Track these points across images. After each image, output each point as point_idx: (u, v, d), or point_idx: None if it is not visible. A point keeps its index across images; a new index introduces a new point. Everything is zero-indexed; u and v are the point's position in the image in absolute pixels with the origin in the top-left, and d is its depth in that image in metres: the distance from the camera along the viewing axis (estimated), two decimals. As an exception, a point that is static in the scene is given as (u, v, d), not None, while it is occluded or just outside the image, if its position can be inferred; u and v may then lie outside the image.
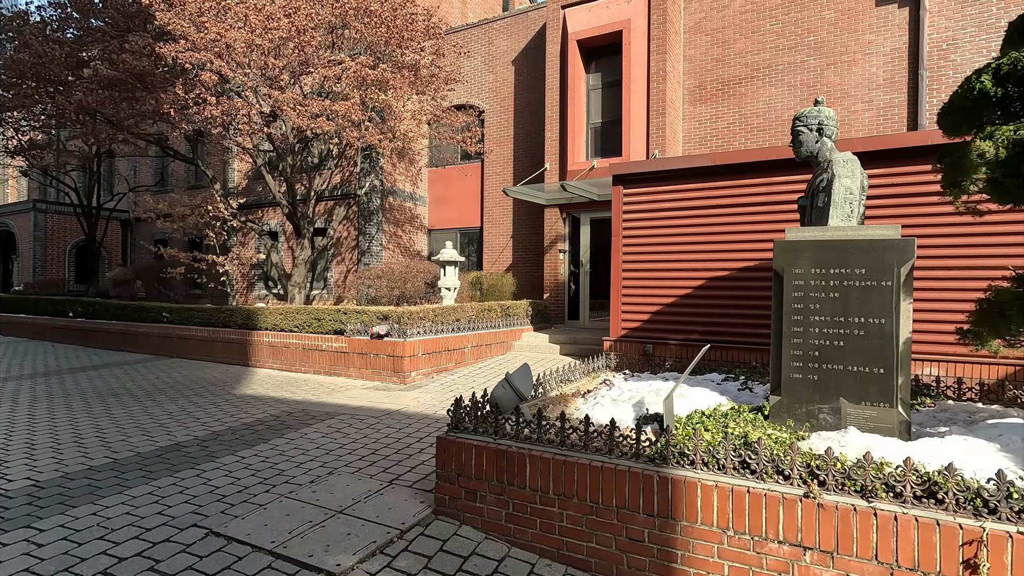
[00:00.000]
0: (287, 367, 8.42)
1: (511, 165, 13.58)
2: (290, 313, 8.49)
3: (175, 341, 9.95)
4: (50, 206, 17.55)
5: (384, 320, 7.55)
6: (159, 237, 18.25)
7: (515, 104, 13.56)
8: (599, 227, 11.40)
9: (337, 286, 14.05)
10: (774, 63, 10.49)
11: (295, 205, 10.99)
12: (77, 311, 12.16)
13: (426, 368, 7.64)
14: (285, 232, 14.92)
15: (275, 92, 7.71)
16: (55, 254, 17.65)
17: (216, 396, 6.62)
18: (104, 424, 5.31)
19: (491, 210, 13.84)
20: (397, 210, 14.05)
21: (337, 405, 6.06)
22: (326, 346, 8.00)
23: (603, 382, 4.73)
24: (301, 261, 11.25)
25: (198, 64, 7.38)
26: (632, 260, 7.75)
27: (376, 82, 8.65)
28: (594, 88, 11.44)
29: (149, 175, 18.72)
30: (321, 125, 8.01)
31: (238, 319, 9.17)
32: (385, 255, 13.59)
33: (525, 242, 13.41)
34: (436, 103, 10.54)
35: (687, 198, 7.37)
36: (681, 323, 7.37)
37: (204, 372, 8.42)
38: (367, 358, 7.59)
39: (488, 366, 8.39)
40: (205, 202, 11.91)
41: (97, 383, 7.53)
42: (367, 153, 12.67)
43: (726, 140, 10.86)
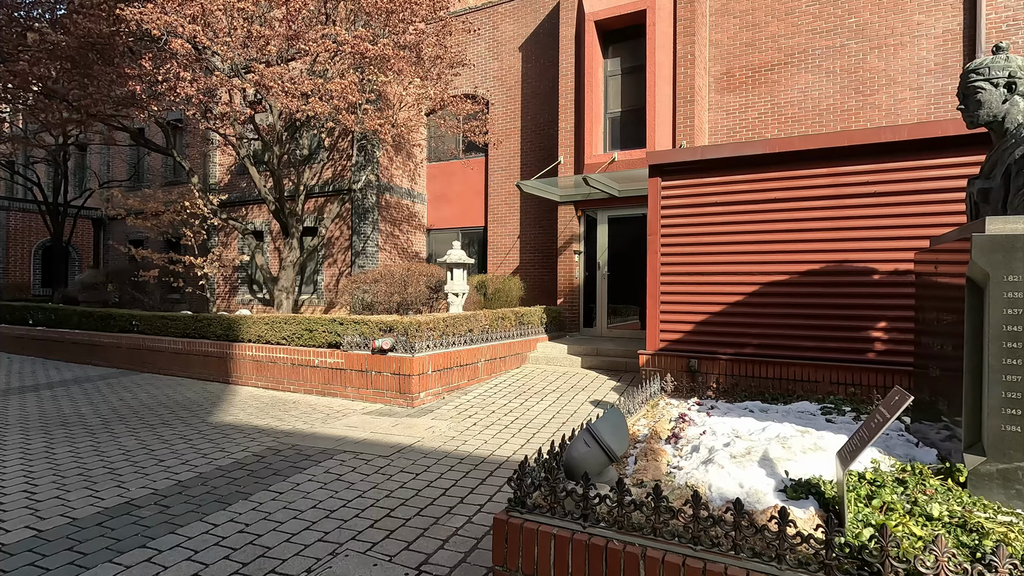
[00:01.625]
0: (274, 385, 7.32)
1: (518, 159, 12.57)
2: (277, 323, 7.39)
3: (146, 354, 8.79)
4: (13, 203, 16.19)
5: (388, 332, 6.48)
6: (134, 237, 16.97)
7: (523, 93, 12.55)
8: (619, 226, 10.43)
9: (328, 290, 12.92)
10: (810, 47, 9.60)
11: (282, 202, 9.88)
12: (37, 318, 10.91)
13: (436, 387, 6.59)
14: (271, 232, 13.76)
15: (259, 66, 6.61)
16: (18, 255, 16.29)
17: (187, 425, 5.51)
18: (39, 471, 4.19)
19: (496, 208, 12.81)
20: (394, 208, 12.97)
21: (335, 438, 4.99)
22: (319, 362, 6.91)
23: (680, 418, 3.72)
24: (289, 263, 10.13)
25: (168, 30, 6.26)
26: (673, 262, 6.78)
27: (376, 60, 7.61)
28: (612, 74, 10.48)
29: (123, 170, 17.42)
30: (314, 107, 6.92)
31: (217, 329, 8.04)
32: (381, 257, 12.50)
33: (534, 243, 12.40)
34: (442, 88, 9.49)
35: (738, 190, 6.41)
36: (731, 334, 6.40)
37: (177, 391, 7.29)
38: (367, 376, 6.52)
39: (504, 383, 7.36)
40: (182, 198, 10.75)
41: (47, 407, 6.37)
42: (362, 145, 11.58)
43: (757, 131, 9.94)
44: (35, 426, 5.49)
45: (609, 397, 6.47)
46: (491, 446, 4.71)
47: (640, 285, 10.08)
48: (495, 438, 4.95)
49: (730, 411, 4.05)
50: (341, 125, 7.65)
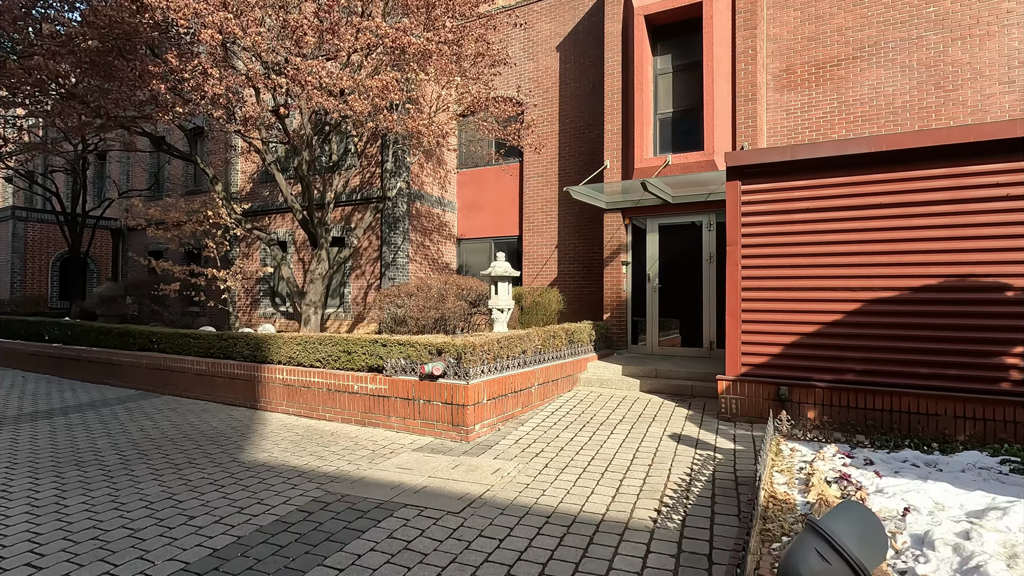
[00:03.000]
0: (307, 412, 6.63)
1: (556, 164, 11.89)
2: (311, 344, 6.71)
3: (166, 374, 8.16)
4: (31, 213, 15.80)
5: (438, 355, 5.77)
6: (153, 248, 16.50)
7: (560, 95, 11.89)
8: (670, 235, 9.67)
9: (356, 304, 12.27)
10: (882, 40, 8.82)
11: (311, 210, 9.25)
12: (53, 334, 10.37)
13: (491, 418, 5.85)
14: (295, 242, 13.17)
15: (296, 59, 5.99)
16: (36, 267, 15.87)
17: (217, 465, 4.82)
18: (46, 531, 3.52)
19: (532, 216, 12.11)
20: (424, 217, 12.32)
21: (390, 485, 4.27)
22: (359, 387, 6.21)
23: (842, 478, 2.94)
24: (317, 276, 9.49)
25: (196, 18, 5.65)
26: (757, 275, 6.00)
27: (416, 56, 6.97)
28: (662, 73, 9.76)
29: (143, 179, 17.00)
30: (353, 105, 6.26)
31: (244, 349, 7.39)
32: (411, 268, 11.84)
33: (573, 253, 11.67)
34: (482, 88, 8.83)
35: (837, 194, 5.64)
36: (828, 358, 5.60)
37: (201, 418, 6.63)
38: (414, 405, 5.81)
39: (561, 411, 6.61)
40: (204, 207, 10.18)
41: (60, 440, 5.73)
42: (394, 150, 10.95)
43: (821, 132, 9.16)
44: (46, 465, 4.83)
45: (688, 430, 5.69)
46: (576, 498, 3.96)
47: (695, 299, 9.30)
48: (577, 486, 4.19)
49: (888, 464, 3.27)
50: (382, 125, 7.00)
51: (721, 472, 4.45)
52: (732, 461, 4.71)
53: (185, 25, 5.80)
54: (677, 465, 4.64)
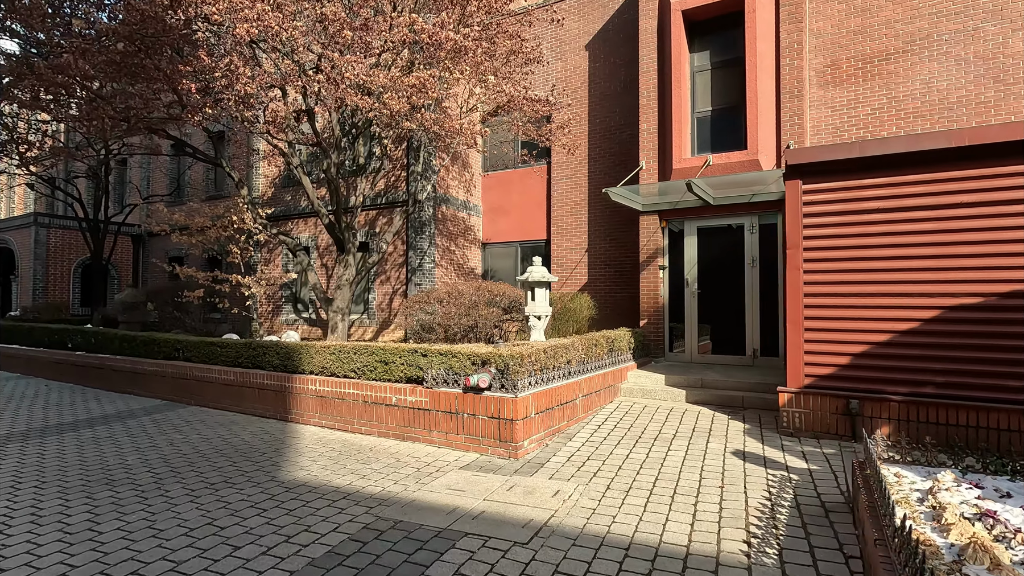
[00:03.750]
0: (342, 425, 6.33)
1: (585, 166, 11.56)
2: (345, 353, 6.42)
3: (193, 384, 7.92)
4: (53, 220, 15.75)
5: (482, 366, 5.44)
6: (174, 254, 16.39)
7: (590, 96, 11.58)
8: (710, 237, 9.29)
9: (380, 310, 12.00)
10: (935, 32, 8.40)
11: (338, 215, 9.00)
12: (76, 342, 10.20)
13: (539, 432, 5.52)
14: (318, 247, 12.95)
15: (333, 54, 5.71)
16: (58, 274, 15.82)
17: (255, 485, 4.53)
18: (80, 560, 3.24)
19: (561, 219, 11.79)
20: (450, 221, 12.04)
21: (444, 510, 3.94)
22: (397, 399, 5.90)
23: (985, 515, 2.57)
24: (345, 282, 9.22)
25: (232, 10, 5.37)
26: (821, 280, 5.62)
27: (451, 53, 6.68)
28: (700, 70, 9.40)
29: (164, 185, 16.92)
30: (389, 104, 5.99)
31: (274, 359, 7.12)
32: (437, 273, 11.55)
33: (604, 257, 11.32)
34: (517, 88, 8.53)
35: (911, 193, 5.25)
36: (904, 369, 5.20)
37: (231, 431, 6.36)
38: (458, 419, 5.48)
39: (608, 424, 6.25)
40: (228, 211, 9.97)
41: (88, 453, 5.48)
42: (422, 153, 10.69)
43: (870, 129, 8.74)
44: (76, 484, 4.57)
45: (751, 447, 5.31)
46: (652, 526, 3.61)
47: (737, 305, 8.91)
48: (649, 512, 3.84)
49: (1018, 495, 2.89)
50: (418, 125, 6.72)
51: (803, 496, 4.07)
52: (811, 483, 4.34)
53: (218, 19, 5.55)
54: (752, 487, 4.27)
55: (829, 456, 4.97)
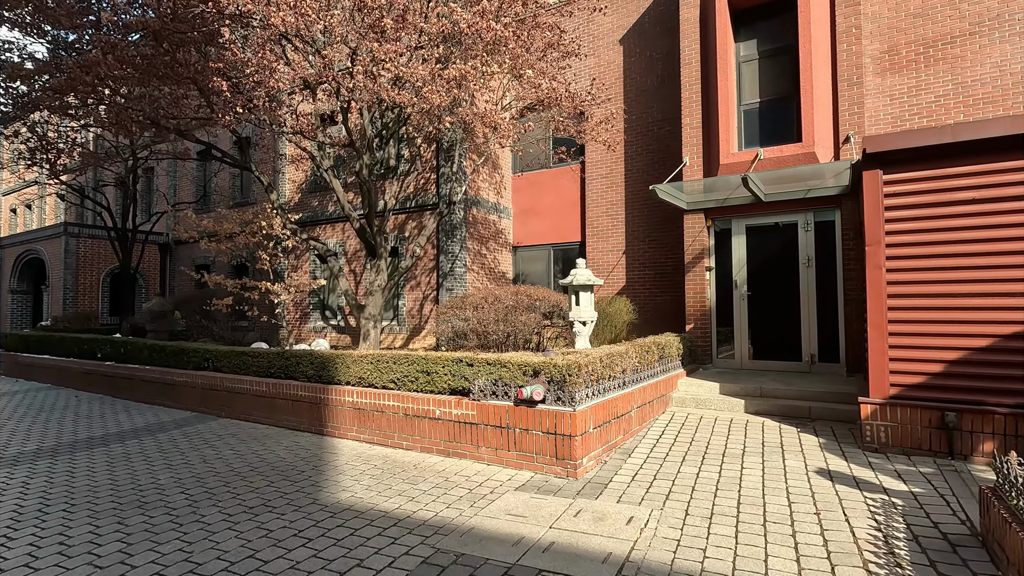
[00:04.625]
0: (381, 439, 5.96)
1: (622, 164, 11.11)
2: (384, 363, 6.06)
3: (223, 395, 7.64)
4: (82, 229, 15.79)
5: (535, 376, 5.02)
6: (200, 262, 16.31)
7: (625, 92, 11.14)
8: (760, 236, 8.76)
9: (411, 317, 11.67)
10: (1006, 11, 7.80)
11: (370, 218, 8.68)
12: (105, 352, 10.04)
13: (597, 448, 5.08)
14: (346, 253, 12.68)
15: (373, 44, 5.37)
16: (87, 283, 15.83)
17: (296, 508, 4.17)
18: (115, 604, 2.88)
19: (596, 221, 11.34)
20: (481, 224, 11.68)
21: (509, 539, 3.52)
22: (441, 412, 5.51)
23: None
24: (376, 288, 8.89)
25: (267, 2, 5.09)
26: (907, 280, 5.10)
27: (492, 44, 6.32)
28: (747, 59, 8.91)
29: (190, 192, 16.89)
30: (430, 98, 5.63)
31: (308, 369, 6.80)
32: (469, 278, 11.19)
33: (643, 259, 10.84)
34: (555, 83, 8.13)
35: (1013, 181, 4.71)
36: (1010, 378, 4.65)
37: (265, 446, 6.03)
38: (509, 434, 5.07)
39: (667, 438, 5.78)
40: (256, 217, 9.73)
41: (119, 472, 5.19)
42: (455, 153, 10.35)
43: (934, 118, 8.15)
44: (106, 507, 4.25)
45: (835, 464, 4.80)
46: (753, 562, 3.14)
47: (791, 308, 8.37)
48: (744, 545, 3.37)
49: None
50: (460, 120, 6.37)
51: (918, 526, 3.57)
52: (920, 509, 3.82)
53: (251, 8, 5.27)
54: (853, 514, 3.77)
55: (928, 476, 4.44)
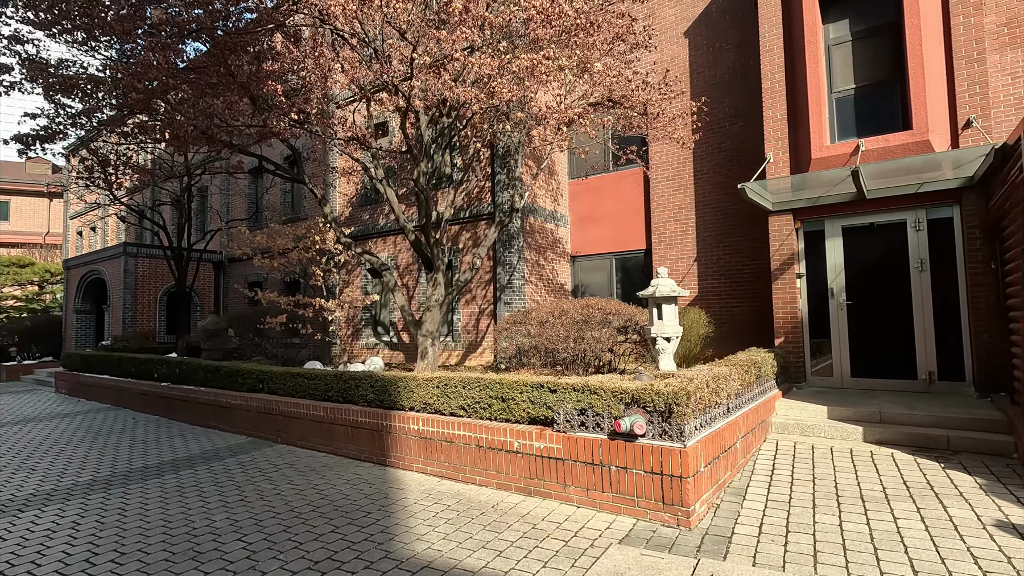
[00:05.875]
0: (451, 472, 5.35)
1: (690, 165, 10.31)
2: (452, 387, 5.47)
3: (279, 420, 7.22)
4: (140, 249, 16.06)
5: (632, 405, 4.31)
6: (253, 279, 16.31)
7: (691, 87, 10.37)
8: (859, 238, 7.80)
9: (466, 332, 11.12)
10: None
11: (427, 229, 8.19)
12: (161, 372, 9.88)
13: (708, 490, 4.30)
14: (398, 267, 12.29)
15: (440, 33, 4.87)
16: (146, 302, 16.06)
17: (365, 561, 3.59)
18: None
19: (663, 226, 10.55)
20: (538, 233, 11.07)
21: (633, 620, 2.81)
22: (520, 445, 4.86)
23: None
24: (434, 303, 8.37)
25: None
26: (1094, 285, 4.13)
27: (562, 34, 5.73)
28: (838, 42, 8.01)
29: (243, 210, 16.99)
30: (500, 92, 5.07)
31: (368, 392, 6.28)
32: (527, 290, 10.56)
33: (717, 266, 9.97)
34: (633, 75, 7.45)
35: None
36: None
37: (326, 479, 5.51)
38: (603, 472, 4.36)
39: (780, 475, 4.95)
40: (309, 232, 9.42)
41: (172, 510, 4.75)
42: (505, 160, 9.80)
43: (1068, 97, 7.04)
44: (157, 557, 3.77)
45: (1014, 514, 3.87)
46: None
47: (902, 318, 7.36)
48: (953, 639, 2.55)
49: None
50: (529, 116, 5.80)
51: None
52: None
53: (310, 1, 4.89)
54: (1083, 593, 2.89)
55: None
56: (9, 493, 5.42)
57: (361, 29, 5.50)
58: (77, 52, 7.03)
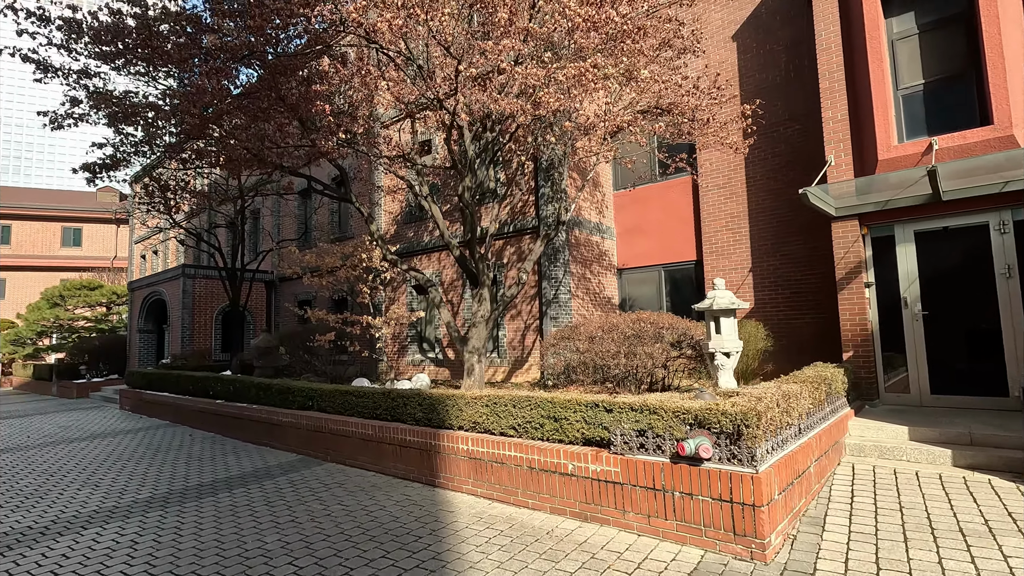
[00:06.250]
0: (502, 495, 5.16)
1: (742, 172, 9.92)
2: (502, 405, 5.30)
3: (328, 438, 7.22)
4: (198, 270, 16.74)
5: (697, 426, 4.03)
6: (302, 297, 16.71)
7: (741, 92, 10.00)
8: (935, 244, 7.24)
9: (512, 348, 10.96)
10: None
11: (472, 245, 8.11)
12: (216, 390, 10.13)
13: (783, 520, 3.95)
14: (442, 283, 12.30)
15: (487, 44, 4.82)
16: (202, 321, 16.68)
17: (420, 593, 3.42)
18: None
19: (714, 236, 10.15)
20: (584, 246, 10.85)
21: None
22: (574, 467, 4.63)
23: None
24: (480, 319, 8.26)
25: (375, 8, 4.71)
26: None
27: (608, 40, 5.58)
28: (902, 36, 7.55)
29: (293, 230, 17.50)
30: (547, 103, 4.95)
31: (416, 411, 6.19)
32: (574, 305, 10.34)
33: (773, 277, 9.49)
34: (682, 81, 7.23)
35: None
36: None
37: (375, 500, 5.42)
38: (666, 499, 4.07)
39: (860, 501, 4.53)
40: (356, 250, 9.52)
41: (225, 530, 4.74)
42: (549, 173, 9.68)
43: None
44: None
45: None
46: None
47: (987, 330, 6.76)
48: None
49: None
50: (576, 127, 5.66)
51: None
52: None
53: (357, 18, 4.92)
54: None
55: None
56: (74, 509, 5.56)
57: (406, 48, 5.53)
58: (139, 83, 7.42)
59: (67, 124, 7.21)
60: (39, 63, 6.85)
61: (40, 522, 5.17)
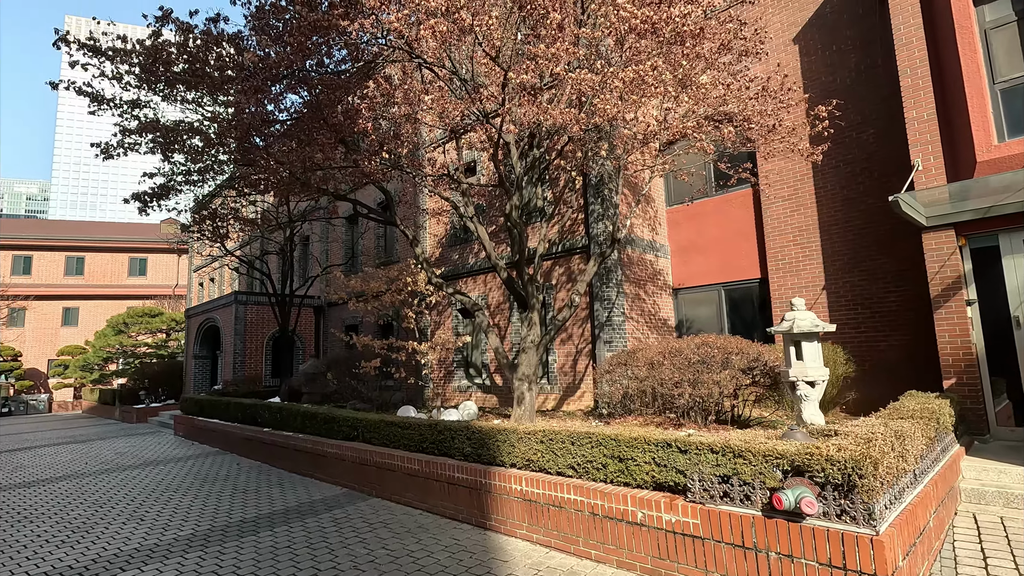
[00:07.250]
0: (561, 543, 4.62)
1: (810, 182, 9.18)
2: (559, 442, 4.80)
3: (372, 471, 6.86)
4: (249, 297, 17.04)
5: (794, 474, 3.41)
6: (349, 322, 16.71)
7: (807, 96, 9.29)
8: (1051, 255, 6.32)
9: (563, 374, 10.42)
10: None
11: (520, 266, 7.71)
12: (264, 418, 10.02)
13: (908, 590, 3.26)
14: (489, 306, 11.94)
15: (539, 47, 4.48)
16: (254, 347, 16.90)
17: (474, 672, 2.92)
18: None
19: (781, 251, 9.40)
20: (636, 265, 10.28)
21: None
22: (643, 515, 4.05)
23: None
24: (530, 344, 7.80)
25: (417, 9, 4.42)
26: None
27: (667, 42, 5.15)
28: (996, 25, 6.78)
29: (340, 255, 17.65)
30: (602, 108, 4.54)
31: (464, 445, 5.75)
32: (628, 327, 9.74)
33: (851, 295, 8.65)
34: (744, 88, 6.70)
35: None
36: None
37: (422, 545, 4.97)
38: (759, 560, 3.45)
39: (995, 564, 3.75)
40: (402, 274, 9.29)
41: (264, 574, 4.39)
42: (599, 190, 9.22)
43: None
44: (242, 643, 3.35)
45: None
46: None
47: None
48: None
49: None
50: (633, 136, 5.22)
51: None
52: None
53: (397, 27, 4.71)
54: None
55: None
56: (116, 547, 5.37)
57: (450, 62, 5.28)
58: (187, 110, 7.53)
59: (116, 153, 7.37)
60: (92, 95, 7.05)
61: (80, 561, 4.98)
